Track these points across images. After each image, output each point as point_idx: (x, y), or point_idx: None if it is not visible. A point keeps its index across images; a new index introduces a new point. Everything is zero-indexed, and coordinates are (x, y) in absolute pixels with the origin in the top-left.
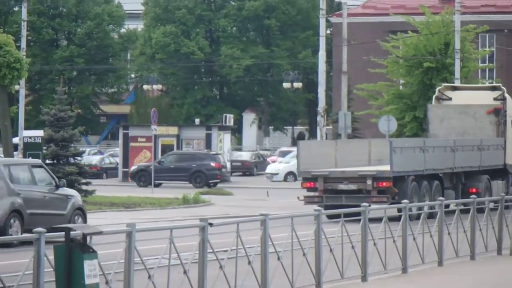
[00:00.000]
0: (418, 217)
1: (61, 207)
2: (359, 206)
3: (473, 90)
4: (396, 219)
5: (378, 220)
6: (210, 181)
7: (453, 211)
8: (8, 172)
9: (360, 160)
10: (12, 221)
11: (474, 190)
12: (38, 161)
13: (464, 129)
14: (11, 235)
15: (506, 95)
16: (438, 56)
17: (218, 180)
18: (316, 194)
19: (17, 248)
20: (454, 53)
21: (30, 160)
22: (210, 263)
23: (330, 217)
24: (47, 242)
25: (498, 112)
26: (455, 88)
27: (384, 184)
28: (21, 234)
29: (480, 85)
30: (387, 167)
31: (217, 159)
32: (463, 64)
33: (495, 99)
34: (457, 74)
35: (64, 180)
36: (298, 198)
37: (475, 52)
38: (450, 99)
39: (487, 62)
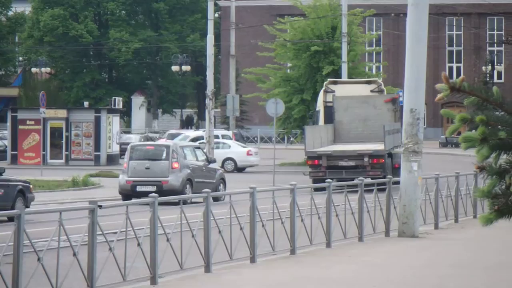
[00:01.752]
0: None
1: (212, 177)
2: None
3: (352, 84)
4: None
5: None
6: None
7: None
8: (182, 152)
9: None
10: (187, 186)
11: (396, 165)
12: (198, 144)
13: (366, 116)
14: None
15: (383, 87)
16: (325, 39)
17: None
18: (320, 170)
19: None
20: (342, 37)
21: (194, 143)
22: (100, 245)
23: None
24: None
25: (395, 101)
26: (336, 83)
27: (378, 160)
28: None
29: (357, 79)
30: (381, 146)
31: None
32: (350, 47)
33: (372, 91)
34: (344, 57)
35: (214, 157)
36: (303, 173)
37: (362, 35)
38: (333, 91)
39: (374, 45)
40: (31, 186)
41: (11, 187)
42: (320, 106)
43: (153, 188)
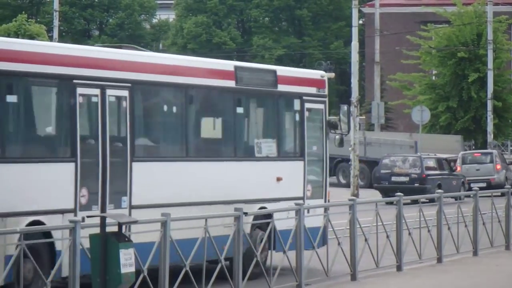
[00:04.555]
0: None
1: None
2: None
3: None
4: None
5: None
6: None
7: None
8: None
9: None
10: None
11: None
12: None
13: None
14: None
15: None
16: (470, 46)
17: None
18: None
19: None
20: (487, 44)
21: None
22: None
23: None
24: None
25: None
26: None
27: None
28: None
29: None
30: None
31: None
32: (496, 55)
33: None
34: (490, 64)
35: None
36: None
37: (508, 43)
38: None
39: None
40: None
41: None
42: None
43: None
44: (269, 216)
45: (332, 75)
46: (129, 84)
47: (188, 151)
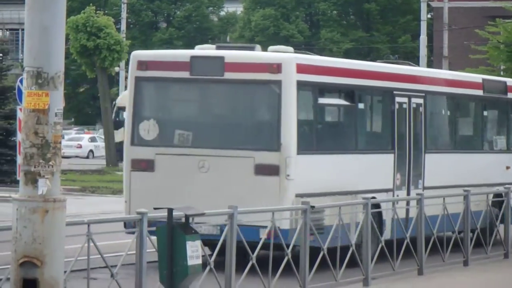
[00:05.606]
0: None
1: None
2: None
3: None
4: None
5: None
6: None
7: None
8: None
9: None
10: None
11: None
12: None
13: None
14: None
15: None
16: None
17: None
18: None
19: None
20: None
21: None
22: None
23: None
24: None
25: None
26: None
27: None
28: None
29: None
30: None
31: None
32: None
33: None
34: None
35: None
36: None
37: None
38: None
39: None
40: None
41: None
42: None
43: None
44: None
45: None
46: (423, 94)
47: (455, 145)
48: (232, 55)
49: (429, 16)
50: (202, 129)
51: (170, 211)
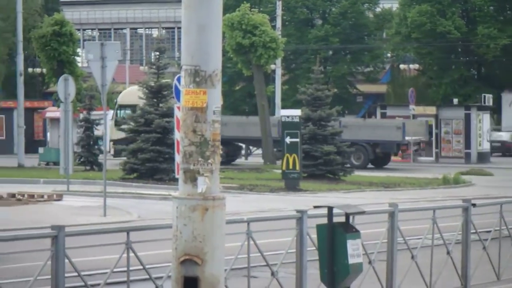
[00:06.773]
0: None
1: None
2: None
3: None
4: None
5: None
6: None
7: None
8: None
9: None
10: None
11: None
12: None
13: None
14: None
15: None
16: None
17: None
18: None
19: None
20: None
21: None
22: (473, 243)
23: None
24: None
25: None
26: None
27: None
28: None
29: None
30: None
31: None
32: None
33: None
34: None
35: None
36: None
37: None
38: None
39: None
40: None
41: None
42: None
43: None
44: None
45: None
46: None
47: None
48: None
49: None
50: None
51: (330, 209)
